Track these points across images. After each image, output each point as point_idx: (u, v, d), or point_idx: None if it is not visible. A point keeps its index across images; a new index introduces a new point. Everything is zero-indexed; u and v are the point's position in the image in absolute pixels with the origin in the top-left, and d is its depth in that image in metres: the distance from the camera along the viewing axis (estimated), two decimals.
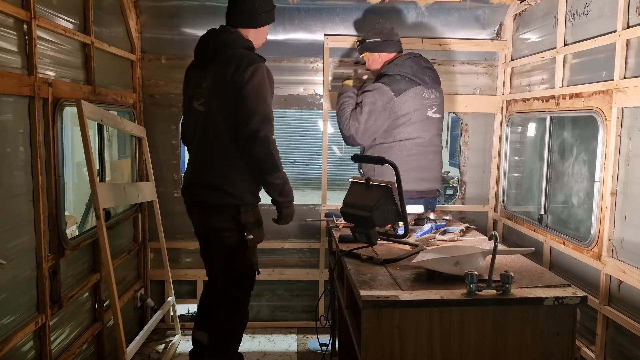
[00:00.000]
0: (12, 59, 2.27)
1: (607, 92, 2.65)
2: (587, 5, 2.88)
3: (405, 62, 3.36)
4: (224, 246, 2.79)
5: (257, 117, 2.64)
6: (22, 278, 2.35)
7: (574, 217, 3.32)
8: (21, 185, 2.35)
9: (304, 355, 3.76)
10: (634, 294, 2.45)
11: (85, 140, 2.75)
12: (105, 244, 2.78)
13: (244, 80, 2.61)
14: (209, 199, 2.76)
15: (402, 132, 3.29)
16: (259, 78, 2.65)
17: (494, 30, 4.01)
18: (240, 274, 2.87)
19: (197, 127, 2.80)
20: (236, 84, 2.62)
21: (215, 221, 2.77)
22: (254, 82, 2.63)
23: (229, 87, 2.64)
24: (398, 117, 3.27)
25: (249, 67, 2.63)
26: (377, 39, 3.43)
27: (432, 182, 3.41)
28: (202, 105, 2.76)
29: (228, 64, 2.66)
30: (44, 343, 2.48)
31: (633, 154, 2.49)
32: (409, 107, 3.27)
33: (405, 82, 3.28)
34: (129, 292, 3.68)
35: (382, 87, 3.26)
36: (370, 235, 2.34)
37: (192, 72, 2.88)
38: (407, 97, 3.26)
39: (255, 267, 2.91)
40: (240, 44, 2.76)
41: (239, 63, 2.65)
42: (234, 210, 2.73)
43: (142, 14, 3.88)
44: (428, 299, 1.82)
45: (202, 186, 2.78)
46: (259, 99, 2.66)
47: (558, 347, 1.85)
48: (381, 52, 3.44)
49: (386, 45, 3.44)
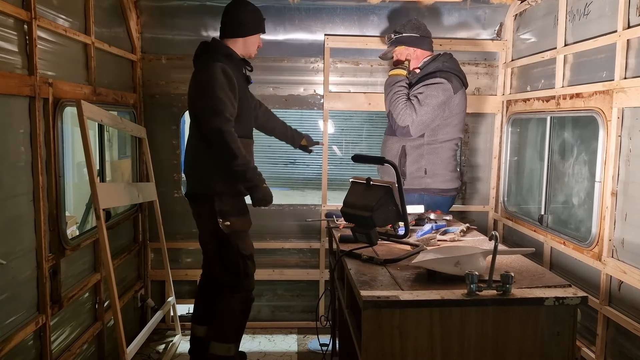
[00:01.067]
0: (13, 59, 2.27)
1: (607, 92, 2.65)
2: (588, 5, 2.88)
3: (450, 61, 3.36)
4: (209, 233, 3.04)
5: (206, 112, 2.85)
6: (22, 278, 2.35)
7: (575, 217, 3.31)
8: (22, 185, 2.35)
9: (304, 355, 3.76)
10: (635, 294, 2.44)
11: (85, 141, 2.75)
12: (105, 244, 2.78)
13: (196, 80, 2.96)
14: (193, 188, 3.11)
15: (448, 132, 3.32)
16: (205, 76, 2.87)
17: (494, 30, 4.01)
18: (228, 259, 3.03)
19: (190, 126, 3.13)
20: (192, 85, 2.99)
21: (199, 209, 3.09)
22: (200, 80, 2.90)
23: (192, 88, 2.99)
24: (449, 116, 3.28)
25: (203, 68, 2.92)
26: (415, 34, 3.37)
27: (458, 181, 3.53)
28: (189, 105, 3.11)
29: (196, 69, 3.02)
30: (45, 343, 2.48)
31: (633, 154, 2.49)
32: (458, 108, 3.30)
33: (457, 81, 3.29)
34: (129, 292, 3.68)
35: (445, 83, 3.21)
36: (370, 235, 2.34)
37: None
38: (458, 97, 3.29)
39: (243, 253, 3.04)
40: (219, 51, 2.99)
41: (198, 67, 3.01)
42: (208, 199, 2.98)
43: (142, 14, 3.88)
44: (428, 299, 1.81)
45: (188, 177, 3.16)
46: (203, 95, 2.87)
47: (558, 348, 1.84)
48: (417, 47, 3.38)
49: (423, 42, 3.39)
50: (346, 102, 4.07)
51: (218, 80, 2.84)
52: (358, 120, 12.03)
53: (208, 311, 3.25)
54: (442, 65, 3.31)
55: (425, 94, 3.21)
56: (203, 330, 3.24)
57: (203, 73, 2.90)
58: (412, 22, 3.42)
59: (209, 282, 3.32)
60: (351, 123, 12.45)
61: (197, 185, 3.07)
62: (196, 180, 3.07)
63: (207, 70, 2.87)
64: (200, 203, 3.07)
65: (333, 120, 4.25)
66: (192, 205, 3.15)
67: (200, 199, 3.06)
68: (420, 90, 3.24)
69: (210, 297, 3.28)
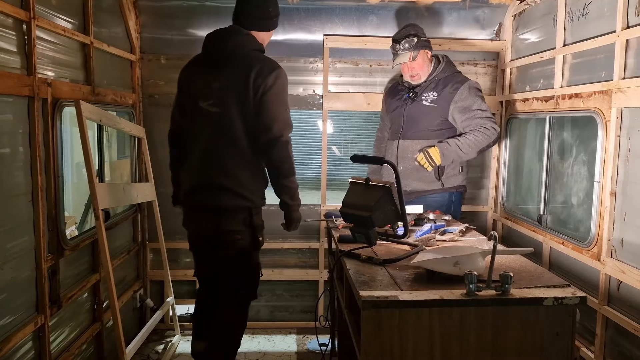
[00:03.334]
0: (12, 59, 2.26)
1: (606, 93, 2.65)
2: (587, 5, 2.88)
3: (452, 63, 3.48)
4: (235, 248, 2.72)
5: (280, 122, 2.65)
6: (21, 278, 2.35)
7: (574, 217, 3.32)
8: (20, 185, 2.34)
9: (303, 355, 3.76)
10: (634, 294, 2.45)
11: (84, 141, 2.75)
12: (104, 245, 2.78)
13: (267, 85, 2.61)
14: (221, 200, 2.67)
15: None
16: (281, 83, 2.66)
17: (493, 30, 4.02)
18: (248, 275, 2.84)
19: (205, 127, 2.70)
20: (259, 88, 2.61)
21: (227, 224, 2.69)
22: (277, 87, 2.64)
23: (250, 90, 2.61)
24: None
25: (272, 72, 2.63)
26: (425, 37, 3.38)
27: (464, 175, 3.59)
28: (213, 105, 2.66)
29: (249, 67, 2.62)
30: (43, 343, 2.48)
31: (632, 154, 2.49)
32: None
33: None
34: (128, 292, 3.68)
35: (477, 83, 3.40)
36: (369, 235, 2.34)
37: (197, 70, 2.77)
38: None
39: (259, 268, 2.90)
40: (255, 47, 2.74)
41: (261, 67, 2.63)
42: (245, 212, 2.70)
43: (141, 14, 3.88)
44: (428, 299, 1.81)
45: (213, 188, 2.68)
46: (281, 105, 2.68)
47: (557, 347, 1.84)
48: (430, 51, 3.41)
49: (428, 44, 3.42)
50: (345, 102, 4.07)
51: (286, 89, 2.70)
52: (357, 121, 12.01)
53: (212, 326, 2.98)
54: (453, 68, 3.44)
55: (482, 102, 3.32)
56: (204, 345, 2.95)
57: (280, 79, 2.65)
58: (417, 27, 3.39)
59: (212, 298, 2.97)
60: (350, 123, 12.43)
61: (226, 196, 2.66)
62: (227, 191, 2.66)
63: (281, 77, 2.66)
64: (228, 216, 2.69)
65: (332, 120, 4.25)
66: (210, 219, 2.72)
67: (229, 211, 2.69)
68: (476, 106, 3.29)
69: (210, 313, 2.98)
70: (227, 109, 2.64)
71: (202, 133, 2.71)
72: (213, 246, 2.78)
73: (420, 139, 3.36)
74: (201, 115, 2.71)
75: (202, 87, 2.71)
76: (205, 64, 2.75)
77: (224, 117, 2.65)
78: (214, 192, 2.67)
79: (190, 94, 2.76)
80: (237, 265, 2.77)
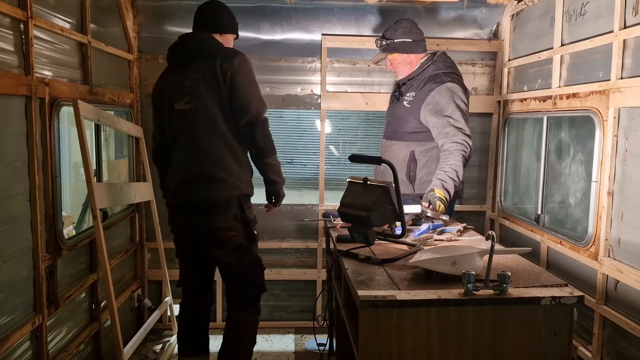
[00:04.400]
0: (9, 58, 2.26)
1: (604, 92, 2.66)
2: (584, 5, 2.89)
3: (448, 61, 3.25)
4: (231, 246, 2.73)
5: (255, 101, 2.70)
6: (18, 278, 2.34)
7: (571, 217, 3.32)
8: (18, 185, 2.34)
9: (301, 355, 3.76)
10: (631, 293, 2.45)
11: (82, 140, 2.74)
12: (102, 244, 2.78)
13: (234, 69, 2.65)
14: (210, 194, 2.66)
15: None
16: (247, 65, 2.71)
17: (491, 30, 4.02)
18: (251, 270, 2.83)
19: (185, 125, 2.71)
20: (226, 73, 2.65)
21: (218, 220, 2.68)
22: (244, 69, 2.69)
23: (219, 77, 2.65)
24: None
25: (235, 56, 2.69)
26: (407, 39, 3.23)
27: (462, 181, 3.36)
28: (188, 103, 2.70)
29: (213, 56, 2.69)
30: (41, 343, 2.48)
31: (630, 154, 2.50)
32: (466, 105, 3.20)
33: (460, 78, 3.23)
34: (126, 292, 3.67)
35: (457, 87, 3.11)
36: (367, 235, 2.34)
37: (168, 76, 2.82)
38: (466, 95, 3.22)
39: (262, 263, 2.90)
40: (217, 43, 2.80)
41: (224, 54, 2.70)
42: (235, 206, 2.70)
43: (139, 14, 3.87)
44: (426, 298, 1.81)
45: (201, 180, 2.67)
46: (253, 85, 2.72)
47: (555, 347, 1.85)
48: (412, 53, 3.26)
49: (417, 46, 3.27)
50: (343, 102, 4.07)
51: (253, 70, 2.76)
52: (355, 120, 12.00)
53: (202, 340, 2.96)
54: (442, 66, 3.22)
55: (458, 106, 3.09)
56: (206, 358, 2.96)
57: (245, 61, 2.70)
58: (403, 26, 3.26)
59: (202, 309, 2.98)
60: (348, 123, 12.44)
61: (216, 188, 2.66)
62: (216, 182, 2.66)
63: (245, 59, 2.71)
64: (220, 211, 2.68)
65: (330, 120, 4.25)
66: (201, 216, 2.70)
67: (220, 206, 2.68)
68: (449, 112, 3.07)
69: (203, 325, 2.97)
70: (203, 101, 2.67)
71: (182, 132, 2.72)
72: (208, 246, 2.77)
73: (400, 140, 3.26)
74: (179, 116, 2.72)
75: (174, 90, 2.74)
76: (172, 68, 2.83)
77: (202, 109, 2.67)
78: (202, 185, 2.67)
79: (164, 101, 2.79)
80: (237, 262, 2.76)
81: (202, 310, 2.98)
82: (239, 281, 2.84)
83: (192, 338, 2.94)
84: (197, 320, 2.96)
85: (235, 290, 2.87)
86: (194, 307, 2.96)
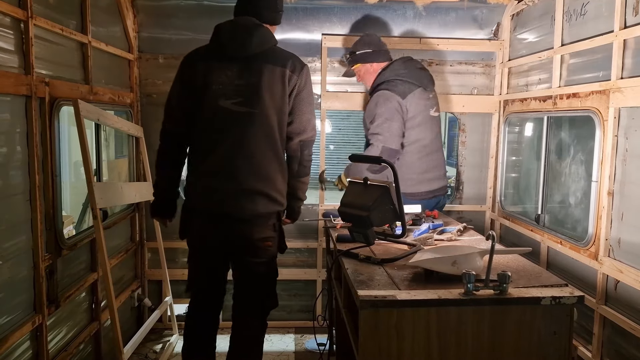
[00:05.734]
0: (9, 58, 2.26)
1: (604, 92, 2.66)
2: (584, 5, 2.89)
3: (401, 66, 3.37)
4: (266, 256, 2.61)
5: (312, 122, 2.62)
6: (19, 278, 2.34)
7: (571, 216, 3.32)
8: (18, 184, 2.34)
9: (301, 355, 3.76)
10: (631, 293, 2.45)
11: (82, 140, 2.74)
12: (102, 244, 2.78)
13: (302, 83, 2.52)
14: (256, 208, 2.48)
15: (411, 135, 3.29)
16: (311, 80, 2.61)
17: (491, 30, 4.02)
18: (272, 282, 2.73)
19: (233, 128, 2.46)
20: (295, 85, 2.50)
21: (260, 232, 2.54)
22: (309, 84, 2.59)
23: (287, 88, 2.47)
24: (407, 120, 3.27)
25: (304, 68, 2.55)
26: (368, 49, 3.43)
27: (441, 180, 3.45)
28: (240, 105, 2.44)
29: (282, 63, 2.48)
30: (41, 343, 2.48)
31: (630, 154, 2.50)
32: (415, 110, 3.28)
33: (406, 85, 3.28)
34: (126, 291, 3.67)
35: (385, 93, 3.25)
36: (367, 234, 2.34)
37: (216, 66, 2.48)
38: (412, 99, 3.27)
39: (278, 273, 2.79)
40: (275, 41, 2.59)
41: (293, 63, 2.51)
42: (275, 217, 2.60)
43: (139, 14, 3.87)
44: (425, 298, 1.82)
45: (248, 194, 2.47)
46: (312, 103, 2.64)
47: (555, 347, 1.85)
48: (373, 62, 3.44)
49: (378, 55, 3.44)
50: (343, 102, 4.07)
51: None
52: (355, 120, 12.04)
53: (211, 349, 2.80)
54: (389, 74, 3.34)
55: (377, 112, 3.25)
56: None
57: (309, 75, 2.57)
58: (364, 39, 3.48)
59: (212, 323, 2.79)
60: (348, 123, 12.47)
61: (265, 203, 2.50)
62: (265, 198, 2.50)
63: (308, 71, 2.59)
64: (260, 223, 2.53)
65: (330, 120, 4.25)
66: (237, 227, 2.52)
67: (261, 218, 2.53)
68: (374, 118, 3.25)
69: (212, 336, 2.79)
70: (263, 109, 2.44)
71: (228, 135, 2.45)
72: (242, 254, 2.61)
73: (365, 145, 3.42)
74: (224, 115, 2.46)
75: (222, 84, 2.46)
76: (222, 58, 2.49)
77: (259, 117, 2.44)
78: (248, 199, 2.47)
79: (205, 90, 2.48)
80: (267, 272, 2.66)
81: (213, 317, 2.79)
82: (261, 291, 2.69)
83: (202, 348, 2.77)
84: (207, 329, 2.77)
85: (254, 301, 2.70)
86: (205, 315, 2.76)
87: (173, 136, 2.62)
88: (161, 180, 2.69)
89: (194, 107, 2.52)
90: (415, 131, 3.30)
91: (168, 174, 2.67)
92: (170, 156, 2.65)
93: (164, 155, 2.65)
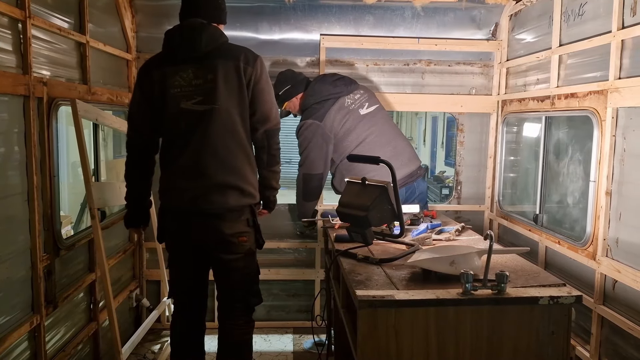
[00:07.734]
0: (7, 58, 2.25)
1: (602, 92, 2.66)
2: (582, 5, 2.89)
3: (313, 89, 3.51)
4: (242, 251, 2.61)
5: (275, 109, 2.67)
6: (16, 278, 2.34)
7: (569, 216, 3.33)
8: (16, 185, 2.33)
9: (300, 355, 3.76)
10: (629, 293, 2.46)
11: (80, 140, 2.74)
12: (100, 244, 2.77)
13: (257, 72, 2.55)
14: (227, 202, 2.52)
15: (351, 142, 3.37)
16: (266, 69, 2.63)
17: (489, 30, 4.02)
18: (253, 279, 2.73)
19: (197, 128, 2.49)
20: (251, 77, 2.53)
21: (232, 227, 2.56)
22: (265, 73, 2.61)
23: (243, 80, 2.51)
24: (337, 135, 3.38)
25: (257, 59, 2.58)
26: (287, 86, 3.56)
27: (408, 165, 3.40)
28: (201, 103, 2.48)
29: (234, 57, 2.52)
30: (39, 343, 2.47)
31: (628, 154, 2.50)
32: (340, 121, 3.38)
33: (321, 105, 3.41)
34: (124, 292, 3.67)
35: (305, 123, 3.41)
36: (366, 234, 2.34)
37: (169, 70, 2.51)
38: (331, 115, 3.38)
39: (259, 270, 2.79)
40: (226, 38, 2.62)
41: (245, 55, 2.55)
42: (248, 212, 2.61)
43: (137, 14, 3.87)
44: (424, 298, 1.82)
45: (218, 188, 2.51)
46: (272, 90, 2.68)
47: (553, 346, 1.85)
48: (295, 95, 3.57)
49: (296, 88, 3.57)
50: None
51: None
52: None
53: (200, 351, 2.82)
54: (307, 101, 3.48)
55: (301, 144, 3.43)
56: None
57: (264, 65, 2.60)
58: (279, 79, 3.59)
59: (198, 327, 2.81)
60: None
61: (236, 196, 2.53)
62: (236, 191, 2.53)
63: (262, 60, 2.60)
64: (234, 218, 2.56)
65: None
66: (212, 224, 2.54)
67: (237, 212, 2.56)
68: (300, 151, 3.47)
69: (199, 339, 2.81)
70: (222, 105, 2.49)
71: (193, 135, 2.50)
72: (218, 251, 2.62)
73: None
74: (187, 117, 2.50)
75: (181, 87, 2.50)
76: (176, 62, 2.53)
77: (221, 113, 2.49)
78: (219, 193, 2.51)
79: (165, 97, 2.52)
80: (245, 268, 2.66)
81: (197, 320, 2.80)
82: (243, 289, 2.69)
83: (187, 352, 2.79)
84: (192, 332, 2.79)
85: (237, 299, 2.70)
86: (189, 317, 2.78)
87: (137, 146, 2.67)
88: (132, 191, 2.73)
89: (158, 114, 2.57)
90: (353, 134, 3.37)
91: (137, 184, 2.72)
92: (138, 166, 2.70)
93: (131, 166, 2.70)
